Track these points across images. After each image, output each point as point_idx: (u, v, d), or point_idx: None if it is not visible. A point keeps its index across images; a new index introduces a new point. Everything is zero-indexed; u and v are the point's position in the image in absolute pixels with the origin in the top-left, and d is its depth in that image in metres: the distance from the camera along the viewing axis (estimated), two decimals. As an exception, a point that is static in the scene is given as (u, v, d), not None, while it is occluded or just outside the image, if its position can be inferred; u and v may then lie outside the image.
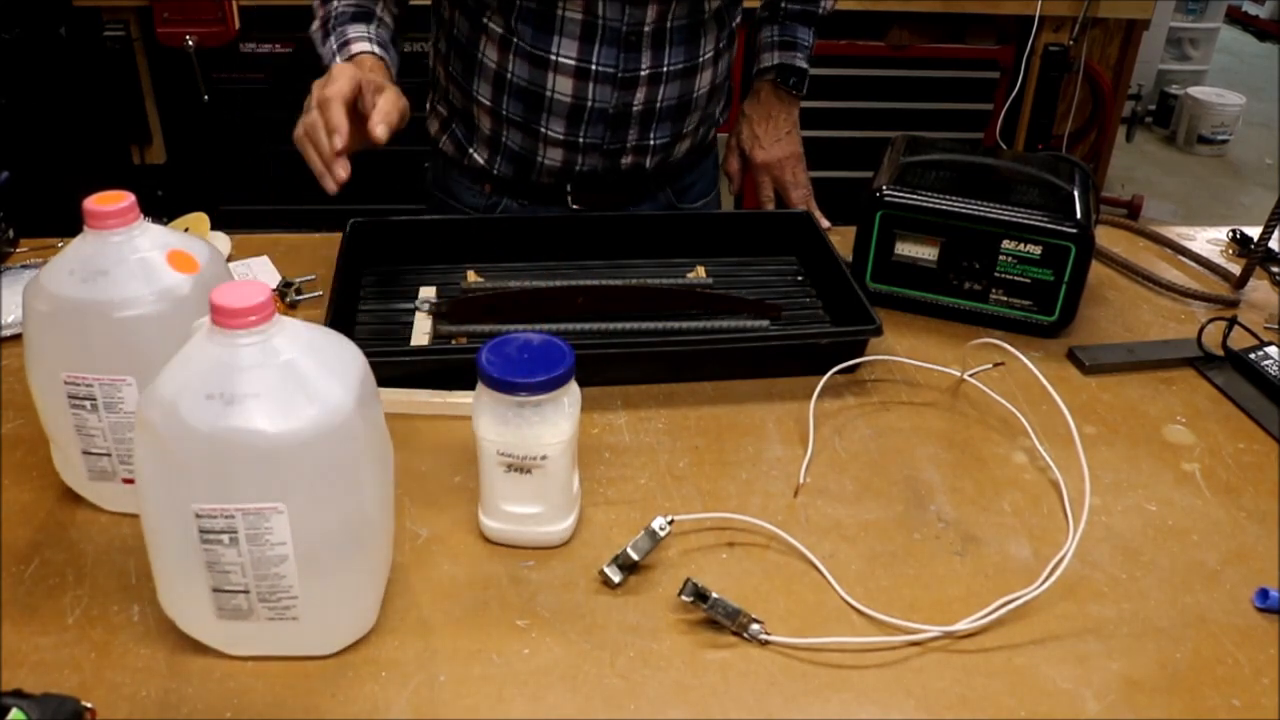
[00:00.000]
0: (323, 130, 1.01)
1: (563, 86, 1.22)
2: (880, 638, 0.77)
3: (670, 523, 0.82)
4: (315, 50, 1.19)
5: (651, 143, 1.28)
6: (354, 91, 1.03)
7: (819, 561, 0.83)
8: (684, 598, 0.76)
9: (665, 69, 1.22)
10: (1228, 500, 0.93)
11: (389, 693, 0.72)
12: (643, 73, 1.21)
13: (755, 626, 0.76)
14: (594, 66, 1.19)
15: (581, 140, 1.26)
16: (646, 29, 1.18)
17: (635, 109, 1.24)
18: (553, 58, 1.20)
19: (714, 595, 0.76)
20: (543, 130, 1.26)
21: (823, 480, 0.93)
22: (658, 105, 1.25)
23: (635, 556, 0.81)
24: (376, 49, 1.16)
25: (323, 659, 0.74)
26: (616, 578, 0.80)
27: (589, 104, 1.22)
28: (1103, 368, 1.10)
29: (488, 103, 1.27)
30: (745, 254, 1.25)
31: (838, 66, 2.62)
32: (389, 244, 1.20)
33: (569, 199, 1.33)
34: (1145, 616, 0.81)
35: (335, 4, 1.24)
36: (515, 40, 1.21)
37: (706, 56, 1.26)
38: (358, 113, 1.04)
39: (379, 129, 1.02)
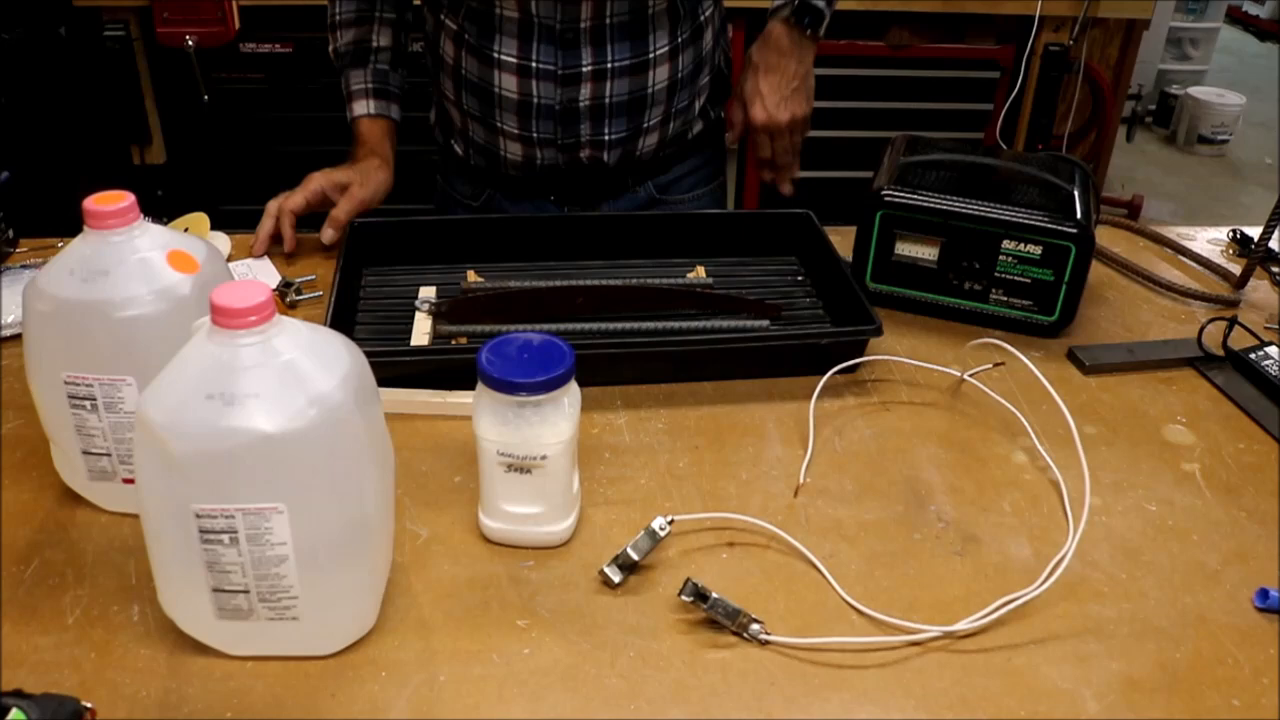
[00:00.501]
0: (271, 235, 1.24)
1: (508, 84, 1.23)
2: (880, 637, 0.77)
3: (670, 523, 0.82)
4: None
5: (606, 138, 1.26)
6: (310, 205, 1.23)
7: (819, 561, 0.83)
8: (684, 598, 0.76)
9: (610, 65, 1.20)
10: (1228, 500, 0.93)
11: (389, 693, 0.72)
12: (584, 69, 1.20)
13: (755, 626, 0.76)
14: (534, 64, 1.20)
15: (535, 135, 1.26)
16: (583, 26, 1.17)
17: (583, 105, 1.23)
18: (496, 55, 1.22)
19: (714, 595, 0.76)
20: (498, 125, 1.27)
21: (823, 480, 0.93)
22: (607, 101, 1.23)
23: (635, 556, 0.81)
24: (371, 106, 1.31)
25: (323, 659, 0.74)
26: (616, 578, 0.80)
27: (534, 101, 1.23)
28: (1103, 368, 1.10)
29: (451, 96, 1.30)
30: (745, 254, 1.25)
31: (838, 66, 2.62)
32: (389, 244, 1.20)
33: (545, 192, 1.33)
34: (1145, 616, 0.81)
35: (339, 38, 1.32)
36: (466, 37, 1.23)
37: (659, 52, 1.23)
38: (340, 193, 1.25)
39: (325, 235, 1.23)
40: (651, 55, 1.22)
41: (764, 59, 1.29)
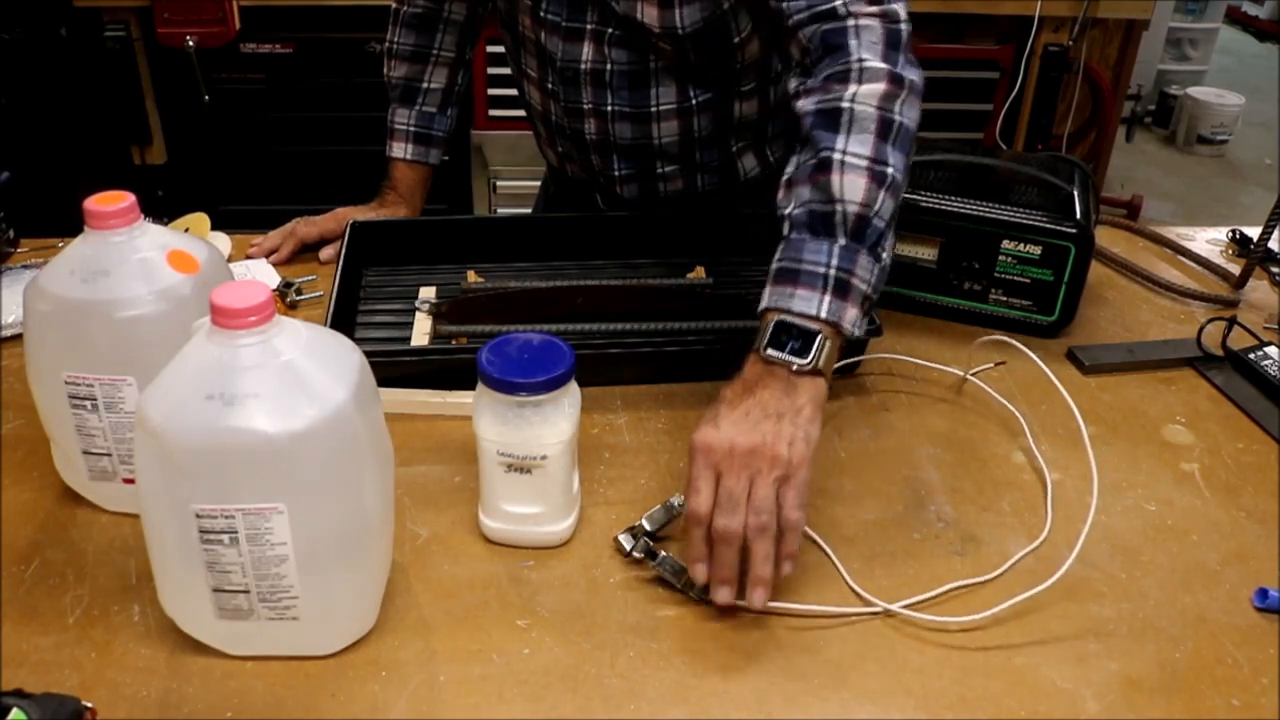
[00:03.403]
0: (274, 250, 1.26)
1: (533, 96, 1.24)
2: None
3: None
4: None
5: (616, 173, 1.23)
6: (325, 239, 1.26)
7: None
8: (635, 555, 0.80)
9: (610, 108, 1.17)
10: (1228, 500, 0.93)
11: (389, 693, 0.72)
12: (585, 106, 1.18)
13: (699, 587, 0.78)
14: (549, 85, 1.19)
15: (559, 149, 1.27)
16: (583, 67, 1.14)
17: (590, 137, 1.21)
18: (524, 67, 1.23)
19: (663, 553, 0.80)
20: (538, 128, 1.28)
21: (823, 480, 0.93)
22: (612, 140, 1.20)
23: (649, 527, 0.82)
24: (409, 150, 1.32)
25: (323, 659, 0.74)
26: (629, 545, 0.82)
27: (552, 118, 1.23)
28: (1102, 368, 1.10)
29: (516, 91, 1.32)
30: (745, 254, 1.25)
31: (838, 67, 2.61)
32: (389, 244, 1.20)
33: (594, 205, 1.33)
34: (1145, 616, 0.81)
35: (392, 68, 1.32)
36: (509, 42, 1.24)
37: (664, 107, 1.17)
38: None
39: (323, 254, 1.26)
40: (654, 109, 1.17)
41: (729, 390, 0.84)
